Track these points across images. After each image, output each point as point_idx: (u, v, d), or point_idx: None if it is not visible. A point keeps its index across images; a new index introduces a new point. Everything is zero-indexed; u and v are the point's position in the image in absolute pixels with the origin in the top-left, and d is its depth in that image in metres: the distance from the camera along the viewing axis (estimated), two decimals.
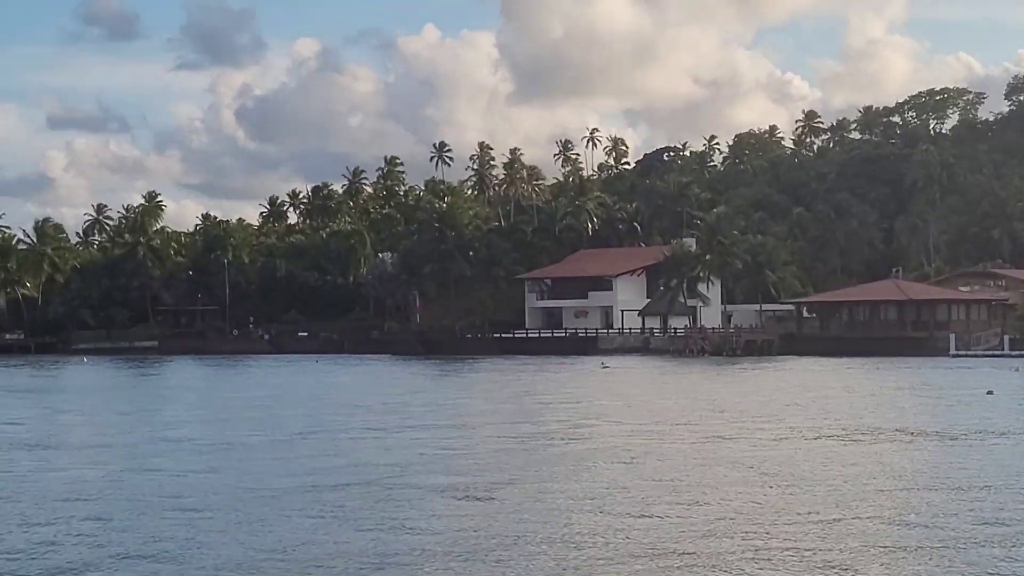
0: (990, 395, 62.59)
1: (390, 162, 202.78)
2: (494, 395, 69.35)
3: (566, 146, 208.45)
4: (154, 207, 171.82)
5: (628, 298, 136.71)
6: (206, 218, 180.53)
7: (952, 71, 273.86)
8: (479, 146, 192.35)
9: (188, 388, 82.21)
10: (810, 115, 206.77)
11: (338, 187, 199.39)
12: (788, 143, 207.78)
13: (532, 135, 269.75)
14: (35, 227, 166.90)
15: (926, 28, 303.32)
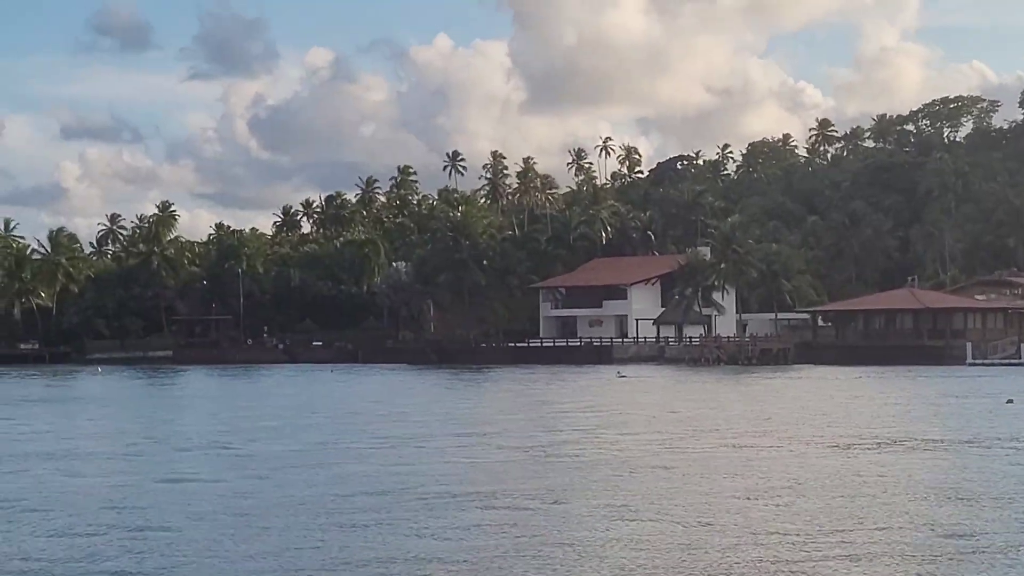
0: (1010, 403, 62.34)
1: (403, 171, 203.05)
2: (513, 404, 69.16)
3: (579, 155, 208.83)
4: (168, 217, 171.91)
5: (643, 307, 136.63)
6: (220, 228, 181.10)
7: (966, 79, 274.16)
8: (492, 155, 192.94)
9: (204, 397, 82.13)
10: (824, 123, 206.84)
11: (351, 196, 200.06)
12: (802, 152, 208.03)
13: (545, 144, 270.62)
14: (49, 237, 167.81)
15: (939, 36, 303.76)
